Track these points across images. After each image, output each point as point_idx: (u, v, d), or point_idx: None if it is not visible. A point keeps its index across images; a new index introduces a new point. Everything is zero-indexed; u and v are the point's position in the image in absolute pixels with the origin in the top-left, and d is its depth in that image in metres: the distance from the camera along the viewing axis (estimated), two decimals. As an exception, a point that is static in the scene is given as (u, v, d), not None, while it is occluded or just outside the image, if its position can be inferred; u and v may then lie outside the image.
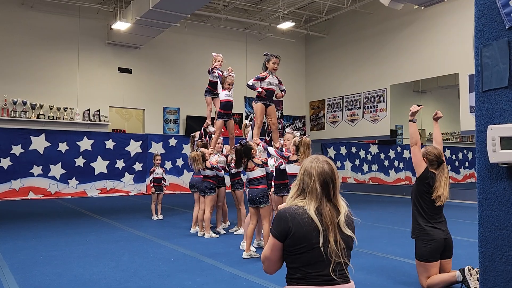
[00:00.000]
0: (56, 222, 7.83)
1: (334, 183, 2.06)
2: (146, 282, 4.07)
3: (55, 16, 13.19)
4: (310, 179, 2.04)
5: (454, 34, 12.33)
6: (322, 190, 2.03)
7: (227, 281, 4.14)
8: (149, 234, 6.69)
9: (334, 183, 2.06)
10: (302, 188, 2.07)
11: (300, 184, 2.09)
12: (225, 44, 15.90)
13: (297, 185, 2.11)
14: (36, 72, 12.81)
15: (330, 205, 2.04)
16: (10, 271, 4.43)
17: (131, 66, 14.27)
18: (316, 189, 2.02)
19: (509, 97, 2.02)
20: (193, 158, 6.46)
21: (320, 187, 2.02)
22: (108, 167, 13.50)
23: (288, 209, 2.03)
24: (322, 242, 1.95)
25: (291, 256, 2.00)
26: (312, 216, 1.97)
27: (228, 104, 6.80)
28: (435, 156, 3.81)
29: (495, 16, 2.08)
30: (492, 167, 2.09)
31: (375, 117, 14.87)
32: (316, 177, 2.03)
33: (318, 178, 2.03)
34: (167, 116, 14.82)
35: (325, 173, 2.04)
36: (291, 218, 1.99)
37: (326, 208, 2.02)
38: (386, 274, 4.35)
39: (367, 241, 6.13)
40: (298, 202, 2.05)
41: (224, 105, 6.79)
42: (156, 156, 8.62)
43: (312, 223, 1.96)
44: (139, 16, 11.57)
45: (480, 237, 2.18)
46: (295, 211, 2.00)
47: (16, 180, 12.16)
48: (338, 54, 16.30)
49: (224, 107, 6.80)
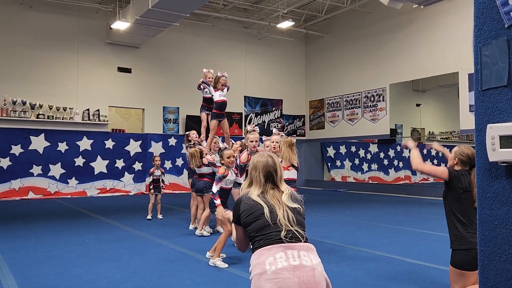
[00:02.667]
0: (55, 222, 7.83)
1: (276, 173, 2.51)
2: (146, 282, 4.07)
3: (55, 16, 13.18)
4: (255, 171, 2.51)
5: (454, 33, 12.33)
6: (265, 179, 2.48)
7: (226, 280, 4.14)
8: (149, 233, 6.69)
9: (276, 173, 2.51)
10: (251, 179, 2.54)
11: (249, 176, 2.56)
12: (225, 43, 15.91)
13: (248, 177, 2.57)
14: (36, 72, 12.80)
15: (275, 189, 2.48)
16: (10, 271, 4.43)
17: (130, 65, 14.27)
18: (260, 179, 2.48)
19: (508, 96, 2.02)
20: (191, 153, 6.56)
21: (263, 177, 2.48)
22: (107, 166, 13.50)
23: (239, 197, 2.50)
24: (269, 215, 2.33)
25: (248, 231, 2.38)
26: (254, 199, 2.40)
27: (223, 105, 6.93)
28: (468, 158, 3.37)
29: (494, 14, 2.08)
30: (492, 166, 2.09)
31: (374, 116, 14.88)
32: (261, 170, 2.49)
33: (262, 171, 2.49)
34: (167, 116, 14.82)
35: (268, 165, 2.50)
36: (240, 202, 2.45)
37: (271, 191, 2.45)
38: (386, 273, 4.35)
39: (367, 240, 6.14)
40: (246, 190, 2.53)
41: (219, 106, 6.90)
42: (156, 157, 8.64)
43: (255, 203, 2.38)
44: (139, 16, 11.56)
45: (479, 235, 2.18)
46: (243, 197, 2.46)
47: (15, 180, 12.16)
48: (338, 53, 16.30)
49: (219, 107, 6.91)
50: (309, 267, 2.19)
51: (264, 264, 2.21)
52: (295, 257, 2.21)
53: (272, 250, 2.24)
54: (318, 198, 12.85)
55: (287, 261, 2.19)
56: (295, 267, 2.18)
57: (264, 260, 2.23)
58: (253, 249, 2.35)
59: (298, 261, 2.20)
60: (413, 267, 4.63)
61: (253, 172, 2.54)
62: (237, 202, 2.49)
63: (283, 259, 2.20)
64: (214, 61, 15.70)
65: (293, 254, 2.22)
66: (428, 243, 5.97)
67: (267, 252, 2.25)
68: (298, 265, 2.18)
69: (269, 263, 2.20)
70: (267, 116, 16.86)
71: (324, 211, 9.52)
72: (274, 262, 2.20)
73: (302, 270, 2.17)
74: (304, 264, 2.19)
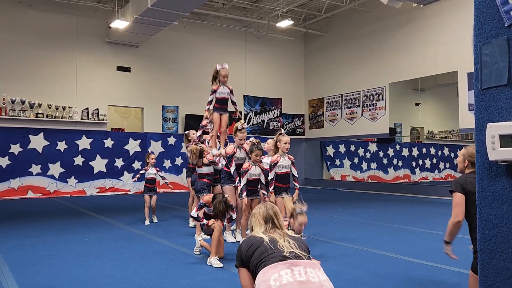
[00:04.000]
0: (55, 221, 7.83)
1: (277, 217, 2.64)
2: (146, 281, 4.07)
3: (53, 15, 13.16)
4: (253, 218, 2.66)
5: (453, 32, 12.34)
6: (265, 222, 2.60)
7: (226, 280, 4.14)
8: (149, 232, 6.70)
9: (277, 217, 2.64)
10: (251, 226, 2.68)
11: (249, 225, 2.73)
12: (224, 42, 15.90)
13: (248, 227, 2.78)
14: (35, 71, 12.78)
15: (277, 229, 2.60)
16: (9, 270, 4.43)
17: (129, 64, 14.26)
18: (260, 222, 2.61)
19: (508, 95, 2.02)
20: (191, 150, 6.48)
21: (263, 220, 2.61)
22: (107, 165, 13.49)
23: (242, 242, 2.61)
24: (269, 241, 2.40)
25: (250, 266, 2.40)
26: (255, 235, 2.52)
27: (225, 99, 7.06)
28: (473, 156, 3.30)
29: (494, 14, 2.08)
30: (492, 165, 2.10)
31: (374, 115, 14.88)
32: (259, 215, 2.64)
33: (260, 215, 2.64)
34: (166, 115, 14.81)
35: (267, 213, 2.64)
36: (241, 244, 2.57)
37: (273, 230, 2.57)
38: (386, 272, 4.36)
39: (367, 239, 6.14)
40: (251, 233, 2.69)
41: (221, 100, 7.04)
42: (151, 155, 8.07)
43: (256, 237, 2.49)
44: (138, 15, 11.55)
45: (479, 234, 2.18)
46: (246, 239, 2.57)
47: (15, 179, 12.15)
48: (337, 52, 16.29)
49: (221, 101, 7.04)
50: (316, 283, 2.15)
51: (269, 280, 2.17)
52: (302, 273, 2.18)
53: (278, 267, 2.21)
54: (317, 197, 12.86)
55: (292, 277, 2.16)
56: (301, 283, 2.14)
57: (269, 277, 2.19)
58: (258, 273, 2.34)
59: (305, 277, 2.17)
60: (413, 266, 4.63)
61: (252, 219, 2.68)
62: (238, 247, 2.58)
63: (289, 275, 2.17)
64: (214, 60, 15.64)
65: (299, 270, 2.20)
66: (428, 242, 5.98)
67: (272, 269, 2.22)
68: (305, 281, 2.14)
69: (273, 279, 2.16)
70: (266, 115, 16.86)
71: (324, 210, 9.53)
72: (279, 278, 2.16)
73: (309, 286, 2.13)
74: (312, 280, 2.15)
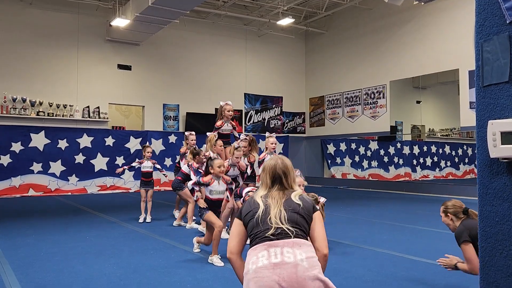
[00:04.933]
0: (56, 219, 7.84)
1: (286, 175, 2.53)
2: (147, 279, 4.07)
3: (54, 13, 13.15)
4: (263, 173, 2.57)
5: (454, 30, 12.32)
6: (272, 181, 2.51)
7: (227, 277, 4.15)
8: (149, 230, 6.70)
9: (286, 175, 2.53)
10: (261, 182, 2.60)
11: (260, 178, 2.64)
12: (225, 40, 15.88)
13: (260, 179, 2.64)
14: (36, 69, 12.79)
15: (282, 191, 2.49)
16: (11, 268, 4.44)
17: (130, 63, 14.25)
18: (266, 181, 2.53)
19: (510, 92, 2.02)
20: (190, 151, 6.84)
21: (270, 180, 2.52)
22: (108, 164, 13.50)
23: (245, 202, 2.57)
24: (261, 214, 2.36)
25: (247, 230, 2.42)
26: (256, 199, 2.46)
27: (228, 135, 7.20)
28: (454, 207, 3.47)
29: (495, 10, 2.07)
30: (493, 162, 2.09)
31: (375, 113, 14.87)
32: (267, 172, 2.54)
33: (269, 173, 2.53)
34: (167, 113, 14.81)
35: (277, 168, 2.53)
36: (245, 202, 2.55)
37: (276, 193, 2.46)
38: (386, 270, 4.36)
39: (367, 237, 6.14)
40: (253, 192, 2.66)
41: (225, 135, 7.15)
42: (147, 147, 7.84)
43: (255, 203, 2.43)
44: (139, 13, 11.54)
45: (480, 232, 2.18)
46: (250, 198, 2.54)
47: (16, 177, 12.17)
48: (338, 50, 16.27)
49: (225, 136, 7.15)
50: (291, 263, 2.13)
51: (248, 263, 2.22)
52: (277, 254, 2.18)
53: (257, 249, 2.25)
54: (318, 195, 12.83)
55: (268, 259, 2.17)
56: (275, 264, 2.14)
57: (249, 260, 2.24)
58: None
59: (279, 258, 2.16)
60: (414, 264, 4.63)
61: (262, 175, 2.60)
62: (242, 205, 2.58)
63: (265, 257, 2.18)
64: (214, 58, 15.70)
65: (276, 251, 2.19)
66: (429, 240, 5.98)
67: (252, 252, 2.27)
68: (279, 262, 2.14)
69: (252, 262, 2.21)
70: (267, 113, 16.85)
71: (324, 208, 9.51)
72: (256, 261, 2.20)
73: (283, 267, 2.13)
74: (286, 261, 2.15)
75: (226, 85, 15.70)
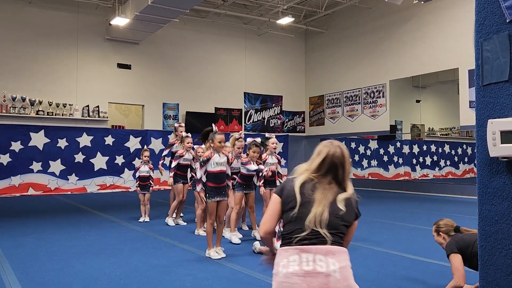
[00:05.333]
0: (56, 218, 7.84)
1: (343, 168, 2.22)
2: (147, 278, 4.07)
3: (54, 12, 13.13)
4: (318, 157, 2.23)
5: (454, 29, 12.31)
6: (326, 171, 2.20)
7: (227, 276, 4.15)
8: (149, 229, 6.70)
9: (343, 168, 2.22)
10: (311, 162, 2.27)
11: (310, 161, 2.28)
12: (224, 39, 15.87)
13: (308, 162, 2.29)
14: (35, 68, 12.77)
15: (333, 186, 2.20)
16: (11, 267, 4.44)
17: (130, 62, 14.24)
18: (318, 167, 2.21)
19: (510, 91, 2.02)
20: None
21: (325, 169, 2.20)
22: (107, 163, 13.50)
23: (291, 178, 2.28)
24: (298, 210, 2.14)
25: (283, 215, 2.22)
26: (295, 187, 2.18)
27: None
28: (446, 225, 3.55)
29: (495, 9, 2.07)
30: (492, 161, 2.09)
31: (374, 113, 14.87)
32: (326, 159, 2.21)
33: (327, 159, 2.21)
34: (167, 112, 14.81)
35: (335, 156, 2.22)
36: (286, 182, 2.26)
37: (326, 186, 2.18)
38: (386, 269, 4.36)
39: (367, 236, 6.14)
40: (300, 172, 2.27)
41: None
42: (145, 151, 7.89)
43: (293, 192, 2.17)
44: (138, 12, 11.53)
45: (480, 231, 2.18)
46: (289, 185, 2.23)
47: (15, 176, 12.16)
48: (338, 49, 16.26)
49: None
50: (323, 273, 2.03)
51: (278, 265, 2.12)
52: (309, 262, 2.06)
53: (288, 251, 2.12)
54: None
55: (299, 266, 2.06)
56: (307, 272, 2.03)
57: (279, 261, 2.13)
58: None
59: (311, 266, 2.05)
60: (413, 263, 4.64)
61: (314, 157, 2.27)
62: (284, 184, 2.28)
63: (296, 262, 2.07)
64: (214, 58, 15.69)
65: (308, 258, 2.07)
66: (428, 239, 5.95)
67: (283, 253, 2.14)
68: (311, 271, 2.03)
69: (282, 265, 2.10)
70: (266, 113, 16.84)
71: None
72: (286, 264, 2.08)
73: (315, 276, 2.02)
74: (318, 270, 2.03)
75: (225, 84, 15.70)
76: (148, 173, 7.71)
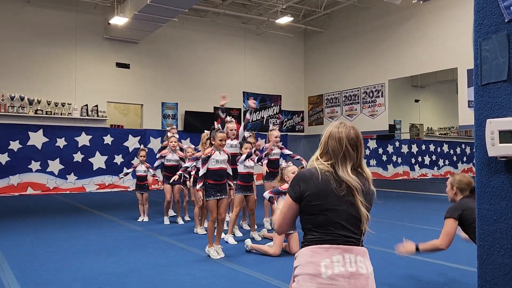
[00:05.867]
0: (55, 218, 7.83)
1: (360, 150, 2.09)
2: (146, 277, 4.08)
3: (52, 11, 13.11)
4: (340, 143, 2.04)
5: (453, 29, 12.32)
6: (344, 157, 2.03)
7: (225, 275, 4.15)
8: (148, 229, 6.70)
9: (360, 150, 2.09)
10: (326, 151, 2.07)
11: (324, 147, 2.08)
12: (224, 39, 15.86)
13: (320, 148, 2.10)
14: (34, 68, 12.75)
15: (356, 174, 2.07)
16: (9, 267, 4.43)
17: (129, 61, 14.22)
18: (350, 153, 2.03)
19: (508, 91, 2.02)
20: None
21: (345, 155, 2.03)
22: (106, 162, 13.49)
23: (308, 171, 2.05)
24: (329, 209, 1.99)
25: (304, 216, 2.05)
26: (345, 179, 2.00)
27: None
28: (466, 184, 3.39)
29: (494, 9, 2.08)
30: (491, 161, 2.10)
31: (373, 112, 14.88)
32: (347, 141, 2.03)
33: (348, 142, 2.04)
34: (166, 111, 14.80)
35: (351, 138, 2.05)
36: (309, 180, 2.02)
37: (353, 177, 2.04)
38: (386, 268, 4.37)
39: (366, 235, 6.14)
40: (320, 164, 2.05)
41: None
42: (141, 151, 7.77)
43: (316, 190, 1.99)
44: (137, 11, 11.51)
45: (478, 230, 2.18)
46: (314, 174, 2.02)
47: (14, 176, 12.14)
48: (337, 49, 16.27)
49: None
50: (364, 275, 2.00)
51: (319, 265, 1.97)
52: (352, 263, 1.99)
53: (330, 251, 1.99)
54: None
55: (344, 266, 1.97)
56: (352, 274, 1.97)
57: (319, 260, 1.98)
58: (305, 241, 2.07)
59: (354, 268, 1.98)
60: (412, 262, 4.64)
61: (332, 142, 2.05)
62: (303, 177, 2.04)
63: (340, 263, 1.97)
64: (213, 57, 15.68)
65: (351, 258, 2.00)
66: (427, 238, 5.96)
67: (323, 252, 1.99)
68: (354, 272, 1.97)
69: (325, 266, 1.96)
70: (266, 112, 16.85)
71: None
72: (330, 265, 1.96)
73: (358, 278, 1.97)
74: (360, 271, 1.99)
75: (224, 83, 15.69)
76: (146, 173, 7.66)
